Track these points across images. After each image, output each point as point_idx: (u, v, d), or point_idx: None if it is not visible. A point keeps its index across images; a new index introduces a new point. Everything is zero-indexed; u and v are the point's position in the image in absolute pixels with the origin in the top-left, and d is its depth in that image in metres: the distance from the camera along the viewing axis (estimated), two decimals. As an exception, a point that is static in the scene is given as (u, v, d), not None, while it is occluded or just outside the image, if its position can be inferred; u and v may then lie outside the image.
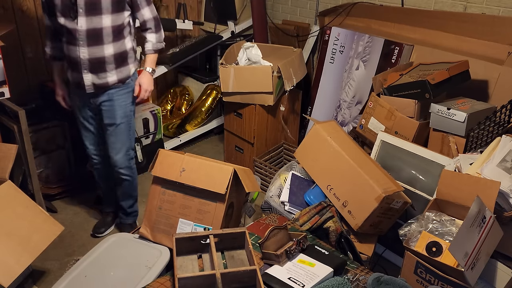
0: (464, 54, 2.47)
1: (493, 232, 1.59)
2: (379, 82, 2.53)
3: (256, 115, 2.92)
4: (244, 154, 3.15)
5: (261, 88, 2.81)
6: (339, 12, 3.22)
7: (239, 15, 3.63)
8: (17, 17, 2.88)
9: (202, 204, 1.83)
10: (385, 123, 2.39)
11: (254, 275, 1.47)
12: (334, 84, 3.20)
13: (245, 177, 1.87)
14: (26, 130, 2.40)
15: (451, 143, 2.13)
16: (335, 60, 3.17)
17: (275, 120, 3.07)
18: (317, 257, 1.63)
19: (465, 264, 1.46)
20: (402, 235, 1.75)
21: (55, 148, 2.86)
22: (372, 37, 2.92)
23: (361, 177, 1.94)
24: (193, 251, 1.65)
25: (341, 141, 2.11)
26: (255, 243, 1.73)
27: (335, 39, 3.14)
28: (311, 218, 1.99)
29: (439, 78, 2.19)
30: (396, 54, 2.78)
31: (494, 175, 1.71)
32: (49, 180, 2.89)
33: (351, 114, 3.09)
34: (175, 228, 1.85)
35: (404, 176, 2.22)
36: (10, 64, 2.92)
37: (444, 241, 1.60)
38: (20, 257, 1.72)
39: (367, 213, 1.89)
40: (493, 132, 2.02)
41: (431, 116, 2.20)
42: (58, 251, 2.39)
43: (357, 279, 1.59)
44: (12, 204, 1.88)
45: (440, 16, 2.66)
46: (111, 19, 2.05)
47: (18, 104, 2.44)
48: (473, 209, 1.48)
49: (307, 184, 2.25)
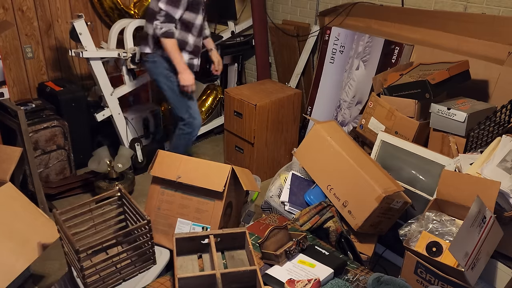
0: (464, 54, 2.47)
1: (493, 232, 1.59)
2: (379, 82, 2.53)
3: (256, 115, 2.92)
4: (244, 154, 3.14)
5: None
6: (339, 12, 3.22)
7: (239, 15, 3.63)
8: (17, 17, 2.88)
9: (200, 203, 1.83)
10: (385, 123, 2.39)
11: (254, 275, 1.46)
12: (334, 84, 3.19)
13: (243, 176, 1.87)
14: (26, 130, 2.40)
15: (451, 143, 2.13)
16: (335, 60, 3.17)
17: (275, 120, 3.07)
18: (318, 257, 1.63)
19: (465, 264, 1.46)
20: (402, 235, 1.74)
21: (55, 148, 2.86)
22: (372, 37, 2.92)
23: (361, 177, 1.94)
24: (193, 251, 1.66)
25: (341, 141, 2.10)
26: (255, 243, 1.73)
27: (335, 39, 3.14)
28: (311, 218, 1.99)
29: (439, 78, 2.19)
30: (396, 54, 2.77)
31: (494, 175, 1.71)
32: (49, 180, 2.89)
33: (351, 114, 3.09)
34: (173, 228, 1.86)
35: (404, 176, 2.22)
36: (10, 64, 2.93)
37: (444, 241, 1.60)
38: (19, 258, 1.72)
39: (367, 213, 1.89)
40: (493, 132, 2.02)
41: (431, 116, 2.20)
42: (58, 251, 2.39)
43: (357, 279, 1.59)
44: (12, 206, 1.88)
45: (440, 16, 2.66)
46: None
47: (18, 104, 2.44)
48: (473, 209, 1.48)
49: (307, 184, 2.25)
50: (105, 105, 2.91)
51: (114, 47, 2.91)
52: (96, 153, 2.81)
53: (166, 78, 2.64)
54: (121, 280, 1.63)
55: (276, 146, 3.18)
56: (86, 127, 3.09)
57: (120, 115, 2.96)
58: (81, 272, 1.51)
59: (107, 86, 2.85)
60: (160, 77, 2.65)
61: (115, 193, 1.79)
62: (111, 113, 2.92)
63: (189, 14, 2.57)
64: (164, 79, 2.65)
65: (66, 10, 3.09)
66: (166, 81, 2.65)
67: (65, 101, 2.94)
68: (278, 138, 3.16)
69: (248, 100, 2.94)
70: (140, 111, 3.19)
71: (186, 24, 2.59)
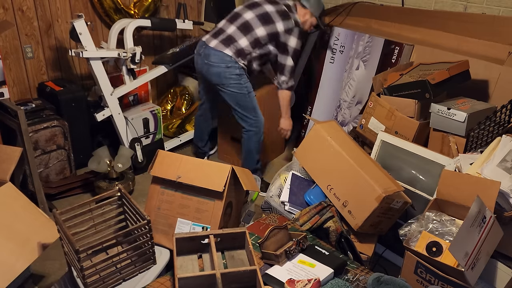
0: (465, 54, 2.47)
1: (493, 232, 1.59)
2: (379, 82, 2.53)
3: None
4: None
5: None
6: (339, 11, 3.22)
7: (239, 15, 3.63)
8: (17, 17, 2.88)
9: (200, 203, 1.84)
10: (385, 123, 2.39)
11: (254, 275, 1.46)
12: (334, 84, 3.19)
13: (243, 176, 1.87)
14: (26, 129, 2.40)
15: (451, 143, 2.13)
16: (335, 60, 3.17)
17: (271, 108, 3.11)
18: (318, 257, 1.63)
19: (465, 264, 1.46)
20: (402, 235, 1.74)
21: (55, 148, 2.86)
22: (372, 37, 2.92)
23: (361, 177, 1.94)
24: (193, 251, 1.66)
25: (341, 141, 2.10)
26: (255, 243, 1.73)
27: (335, 39, 3.14)
28: (311, 218, 1.99)
29: (439, 78, 2.19)
30: (396, 54, 2.77)
31: (494, 175, 1.71)
32: (49, 180, 2.89)
33: (351, 114, 3.09)
34: (173, 228, 1.86)
35: (404, 176, 2.21)
36: (10, 64, 2.93)
37: (444, 241, 1.60)
38: (19, 258, 1.72)
39: (367, 213, 1.89)
40: (493, 132, 2.02)
41: (431, 116, 2.20)
42: (58, 251, 2.38)
43: (357, 279, 1.59)
44: (12, 206, 1.88)
45: (441, 16, 2.66)
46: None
47: (18, 104, 2.44)
48: (473, 209, 1.48)
49: (307, 184, 2.25)
50: (105, 105, 2.91)
51: (114, 47, 2.91)
52: (96, 153, 2.81)
53: (238, 83, 2.67)
54: (121, 280, 1.63)
55: (271, 132, 3.22)
56: (86, 127, 3.09)
57: (120, 115, 2.96)
58: (81, 272, 1.51)
59: (107, 86, 2.85)
60: (232, 80, 2.66)
61: (115, 193, 1.79)
62: (111, 113, 2.92)
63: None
64: (235, 84, 2.67)
65: (66, 10, 3.09)
66: (236, 86, 2.68)
67: (65, 101, 2.93)
68: (271, 125, 3.20)
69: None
70: (140, 111, 3.19)
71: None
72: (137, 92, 3.40)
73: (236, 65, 2.61)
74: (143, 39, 3.52)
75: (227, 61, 2.60)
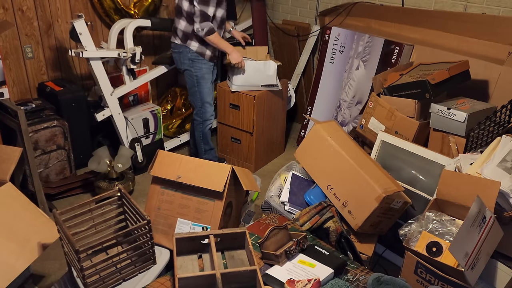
0: (464, 54, 2.47)
1: (493, 232, 1.59)
2: (379, 82, 2.53)
3: (255, 105, 3.00)
4: (242, 144, 3.21)
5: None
6: (339, 12, 3.22)
7: (239, 15, 3.63)
8: (17, 17, 2.88)
9: (200, 203, 1.84)
10: (385, 123, 2.39)
11: (254, 275, 1.46)
12: (334, 84, 3.20)
13: (243, 176, 1.87)
14: (26, 129, 2.40)
15: (451, 143, 2.13)
16: (335, 60, 3.17)
17: (270, 108, 3.15)
18: (318, 257, 1.63)
19: (465, 264, 1.46)
20: (402, 235, 1.74)
21: (55, 148, 2.86)
22: (372, 37, 2.92)
23: (361, 177, 1.94)
24: (193, 251, 1.65)
25: (341, 141, 2.10)
26: (255, 243, 1.73)
27: (335, 39, 3.14)
28: (311, 218, 1.99)
29: (439, 78, 2.19)
30: (396, 54, 2.78)
31: (494, 175, 1.71)
32: (49, 180, 2.89)
33: (351, 114, 3.09)
34: (173, 228, 1.86)
35: (404, 176, 2.22)
36: (10, 64, 2.93)
37: (444, 241, 1.60)
38: (19, 258, 1.72)
39: (367, 213, 1.89)
40: (493, 132, 2.02)
41: (431, 116, 2.20)
42: (58, 251, 2.38)
43: (357, 279, 1.59)
44: (12, 206, 1.88)
45: (440, 16, 2.66)
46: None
47: (18, 104, 2.44)
48: (473, 209, 1.48)
49: (307, 184, 2.25)
50: (105, 105, 2.91)
51: (114, 47, 2.91)
52: (96, 153, 2.81)
53: (189, 67, 2.86)
54: (121, 280, 1.63)
55: (270, 132, 3.27)
56: (86, 127, 3.09)
57: (120, 115, 2.96)
58: (81, 272, 1.51)
59: (107, 86, 2.85)
60: (185, 66, 2.87)
61: (115, 193, 1.78)
62: (111, 113, 2.92)
63: (217, 10, 2.78)
64: (188, 68, 2.87)
65: (66, 10, 3.09)
66: (188, 72, 2.89)
67: (65, 101, 2.94)
68: (271, 125, 3.26)
69: (246, 92, 3.02)
70: (140, 111, 3.19)
71: (213, 18, 2.78)
72: (137, 92, 3.40)
73: (186, 49, 2.79)
74: (143, 39, 3.52)
75: (178, 46, 2.83)
